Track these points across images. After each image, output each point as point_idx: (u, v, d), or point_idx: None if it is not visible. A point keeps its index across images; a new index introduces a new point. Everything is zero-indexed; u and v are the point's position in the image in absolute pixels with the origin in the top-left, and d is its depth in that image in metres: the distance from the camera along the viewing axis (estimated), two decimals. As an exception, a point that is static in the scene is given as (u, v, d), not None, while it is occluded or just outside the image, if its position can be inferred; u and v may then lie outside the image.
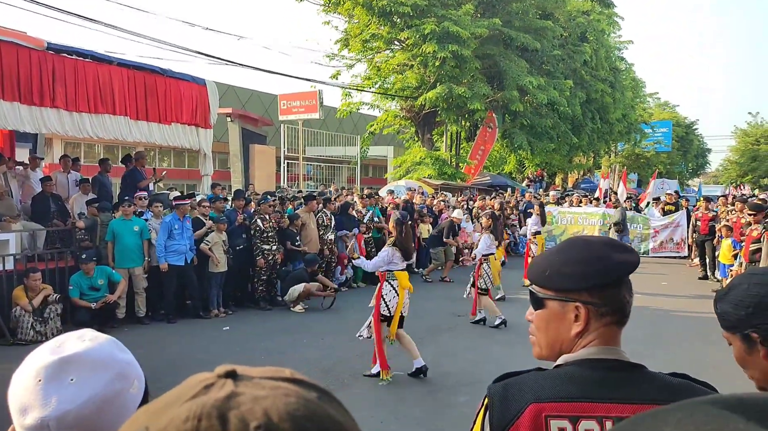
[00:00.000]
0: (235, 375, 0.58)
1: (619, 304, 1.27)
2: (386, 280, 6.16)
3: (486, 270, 8.62)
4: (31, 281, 7.67)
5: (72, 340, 1.01)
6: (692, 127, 51.34)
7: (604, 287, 1.26)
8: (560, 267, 1.28)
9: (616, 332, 1.28)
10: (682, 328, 8.63)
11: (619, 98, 28.76)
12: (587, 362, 1.24)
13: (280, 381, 0.58)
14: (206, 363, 3.62)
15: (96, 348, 1.00)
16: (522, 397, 1.22)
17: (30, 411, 0.95)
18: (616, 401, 1.18)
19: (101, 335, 1.05)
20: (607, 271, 1.25)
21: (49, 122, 8.73)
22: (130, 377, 1.01)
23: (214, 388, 0.56)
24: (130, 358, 1.03)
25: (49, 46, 8.76)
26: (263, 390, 0.55)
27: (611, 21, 28.92)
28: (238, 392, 0.55)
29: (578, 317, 1.26)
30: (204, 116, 11.22)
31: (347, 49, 22.14)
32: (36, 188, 10.54)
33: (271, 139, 21.53)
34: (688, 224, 15.82)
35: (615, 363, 1.25)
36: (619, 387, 1.20)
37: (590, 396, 1.19)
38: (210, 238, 9.26)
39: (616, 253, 1.27)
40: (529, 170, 32.15)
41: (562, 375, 1.24)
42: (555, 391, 1.21)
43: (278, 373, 0.60)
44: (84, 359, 0.98)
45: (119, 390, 0.98)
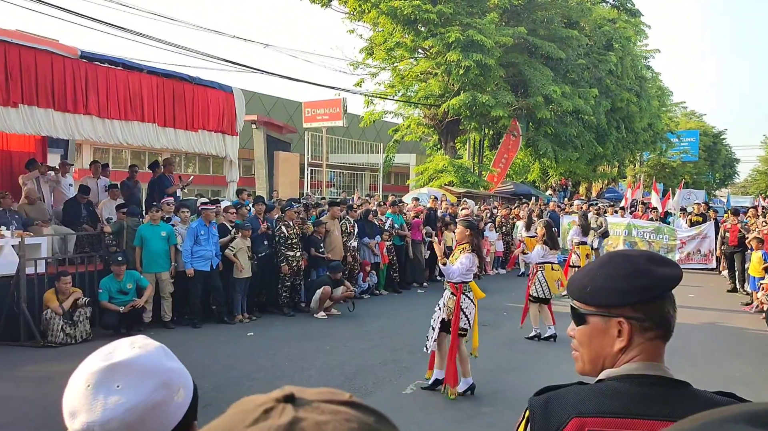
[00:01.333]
0: (294, 399, 0.57)
1: (663, 319, 1.26)
2: (463, 293, 5.89)
3: (540, 279, 8.40)
4: (61, 285, 7.83)
5: (123, 346, 1.03)
6: (720, 136, 50.59)
7: (647, 302, 1.25)
8: (602, 283, 1.28)
9: (660, 347, 1.27)
10: (710, 342, 8.48)
11: (644, 107, 28.44)
12: (630, 377, 1.24)
13: (338, 405, 0.57)
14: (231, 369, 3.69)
15: (143, 356, 1.01)
16: (564, 411, 1.22)
17: (78, 415, 0.97)
18: (660, 418, 1.17)
19: (151, 342, 1.06)
20: (649, 286, 1.24)
21: (82, 128, 8.92)
22: (176, 385, 1.01)
23: (275, 413, 0.55)
24: (177, 366, 1.04)
25: (82, 55, 8.96)
26: (324, 415, 0.55)
27: (638, 29, 28.69)
28: (300, 418, 0.54)
29: (621, 333, 1.26)
30: (230, 123, 11.36)
31: (371, 57, 22.26)
32: (66, 193, 10.77)
33: (295, 146, 21.72)
34: (716, 236, 15.55)
35: (659, 379, 1.23)
36: (663, 403, 1.19)
37: (634, 413, 1.18)
38: (234, 244, 9.36)
39: (658, 267, 1.26)
40: (553, 178, 31.94)
41: (605, 389, 1.24)
42: (598, 406, 1.20)
43: (336, 396, 0.60)
44: (131, 366, 0.99)
45: (164, 399, 0.98)
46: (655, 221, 17.32)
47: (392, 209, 13.21)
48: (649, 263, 1.27)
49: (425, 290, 12.94)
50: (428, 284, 13.42)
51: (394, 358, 7.28)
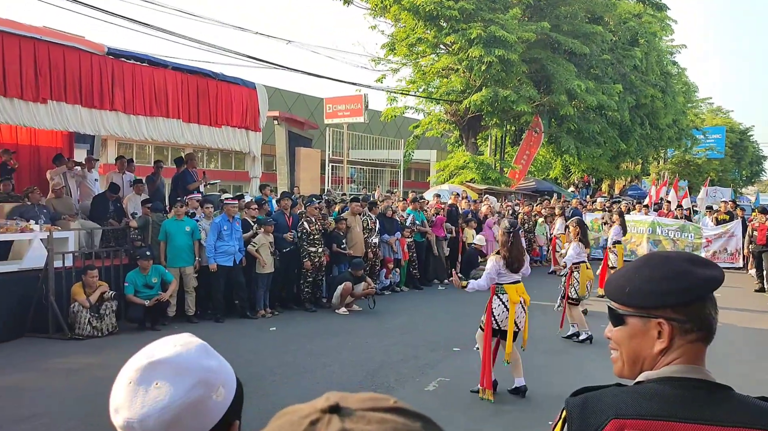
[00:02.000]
0: (339, 409, 0.56)
1: (704, 321, 1.24)
2: (495, 293, 5.79)
3: (577, 278, 8.26)
4: (88, 278, 7.96)
5: (166, 344, 1.04)
6: (747, 133, 49.65)
7: (687, 304, 1.23)
8: (641, 285, 1.26)
9: (701, 350, 1.25)
10: (737, 343, 8.34)
11: (670, 103, 28.01)
12: (671, 380, 1.22)
13: (383, 412, 0.56)
14: (254, 364, 3.70)
15: (183, 354, 1.01)
16: (602, 412, 1.20)
17: (120, 411, 0.98)
18: (702, 422, 1.15)
19: (194, 340, 1.06)
20: (691, 287, 1.23)
21: (108, 124, 9.04)
22: (215, 384, 1.00)
23: (321, 425, 0.54)
24: (217, 364, 1.03)
25: (108, 51, 9.07)
26: (370, 424, 0.54)
27: (664, 24, 28.21)
28: (348, 429, 0.53)
29: (661, 334, 1.24)
30: (254, 119, 11.43)
31: (393, 53, 22.22)
32: (92, 187, 10.94)
33: (316, 142, 21.78)
34: (743, 234, 15.26)
35: (701, 382, 1.21)
36: (705, 407, 1.17)
37: (675, 416, 1.16)
38: (257, 239, 9.43)
39: (699, 268, 1.24)
40: (575, 175, 31.62)
41: (644, 392, 1.22)
42: (638, 408, 1.19)
43: (380, 402, 0.59)
44: (170, 364, 0.99)
45: (201, 397, 0.98)
46: (680, 219, 17.06)
47: (413, 205, 13.19)
48: (689, 265, 1.25)
49: (446, 287, 12.91)
50: (449, 282, 13.40)
51: (416, 355, 7.28)
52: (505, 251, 5.73)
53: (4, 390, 5.85)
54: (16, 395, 5.71)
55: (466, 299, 11.49)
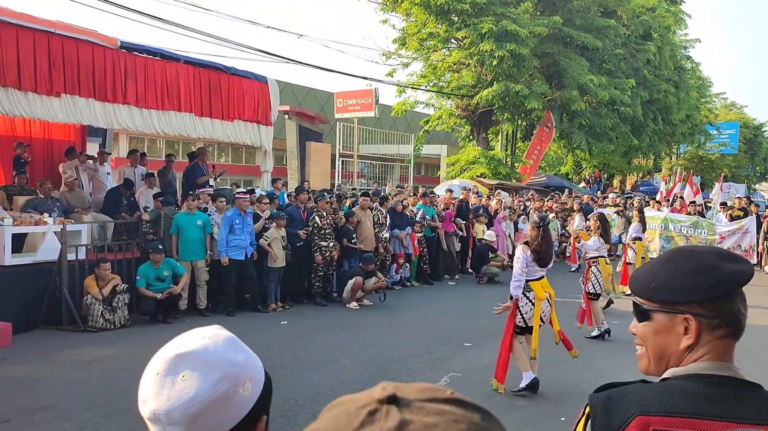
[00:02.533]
0: (397, 400, 0.55)
1: (732, 316, 1.22)
2: (522, 291, 5.75)
3: (595, 273, 8.17)
4: (101, 271, 8.01)
5: (195, 336, 1.03)
6: (761, 129, 49.09)
7: (715, 300, 1.21)
8: (667, 280, 1.24)
9: (730, 346, 1.23)
10: (754, 341, 8.26)
11: (683, 98, 27.71)
12: (698, 377, 1.19)
13: (442, 403, 0.56)
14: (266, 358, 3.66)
15: (210, 347, 1.00)
16: (627, 409, 1.18)
17: (147, 402, 0.98)
18: (731, 420, 1.13)
19: (222, 333, 1.04)
20: (718, 282, 1.20)
21: (121, 117, 9.08)
22: (242, 378, 0.99)
23: (380, 416, 0.53)
24: (244, 359, 1.02)
25: (121, 45, 9.11)
26: (430, 416, 0.53)
27: (677, 18, 27.87)
28: (408, 420, 0.52)
29: (688, 330, 1.22)
30: (265, 113, 11.44)
31: (404, 47, 22.13)
32: (104, 181, 10.99)
33: (327, 136, 21.78)
34: (758, 231, 15.11)
35: (730, 380, 1.19)
36: (734, 405, 1.15)
37: (703, 413, 1.14)
38: (269, 234, 9.44)
39: (727, 263, 1.22)
40: (587, 171, 31.41)
41: (671, 388, 1.20)
42: (664, 405, 1.16)
43: (438, 393, 0.58)
44: (196, 357, 0.98)
45: (227, 391, 0.97)
46: (693, 215, 16.91)
47: (423, 200, 13.15)
48: (716, 259, 1.23)
49: (456, 282, 12.89)
50: (459, 277, 13.37)
51: (427, 350, 7.27)
52: (536, 246, 5.68)
53: (17, 381, 5.90)
54: (29, 386, 5.76)
55: (477, 294, 11.49)
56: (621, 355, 7.02)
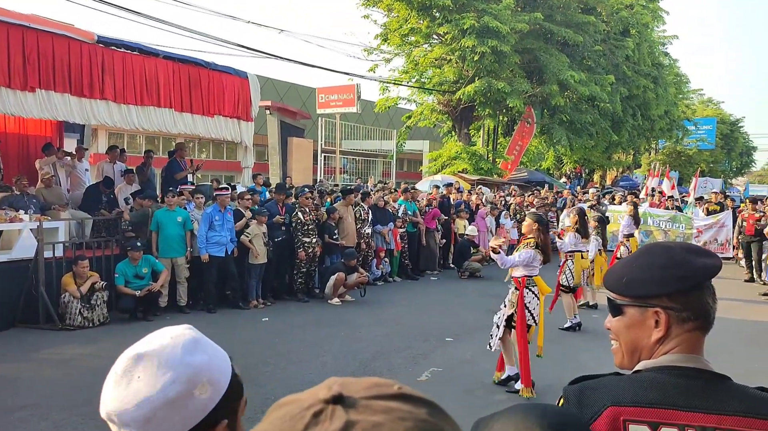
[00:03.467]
0: (342, 399, 0.54)
1: (702, 309, 1.25)
2: (526, 287, 5.68)
3: (570, 267, 8.27)
4: (79, 269, 7.90)
5: (159, 335, 1.01)
6: (737, 124, 49.86)
7: (685, 292, 1.24)
8: (638, 274, 1.26)
9: (699, 339, 1.26)
10: (729, 332, 8.40)
11: (661, 94, 28.06)
12: (668, 369, 1.22)
13: (389, 400, 0.55)
14: (247, 355, 3.68)
15: (168, 348, 0.98)
16: (599, 400, 1.21)
17: (104, 402, 0.97)
18: (699, 410, 1.16)
19: (188, 333, 1.02)
20: (687, 275, 1.23)
21: (98, 113, 8.95)
22: (198, 381, 0.96)
23: (325, 417, 0.52)
24: (205, 360, 0.99)
25: (98, 40, 8.97)
26: (377, 415, 0.52)
27: (655, 15, 28.19)
28: (353, 420, 0.51)
29: (658, 323, 1.24)
30: (246, 108, 11.36)
31: (386, 43, 22.11)
32: (82, 177, 10.84)
33: (309, 132, 21.70)
34: (733, 225, 15.37)
35: (699, 372, 1.22)
36: (702, 396, 1.18)
37: (672, 404, 1.17)
38: (250, 230, 9.39)
39: (697, 257, 1.25)
40: (568, 166, 31.70)
41: (642, 380, 1.23)
42: (635, 396, 1.19)
43: (385, 389, 0.57)
44: (153, 357, 0.96)
45: (181, 394, 0.94)
46: (671, 209, 17.15)
47: (404, 196, 13.17)
48: (686, 254, 1.26)
49: (438, 277, 12.94)
50: (441, 272, 13.43)
51: (409, 345, 7.29)
52: (544, 245, 5.69)
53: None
54: (7, 385, 5.68)
55: (459, 290, 11.54)
56: (600, 348, 7.11)
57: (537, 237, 5.71)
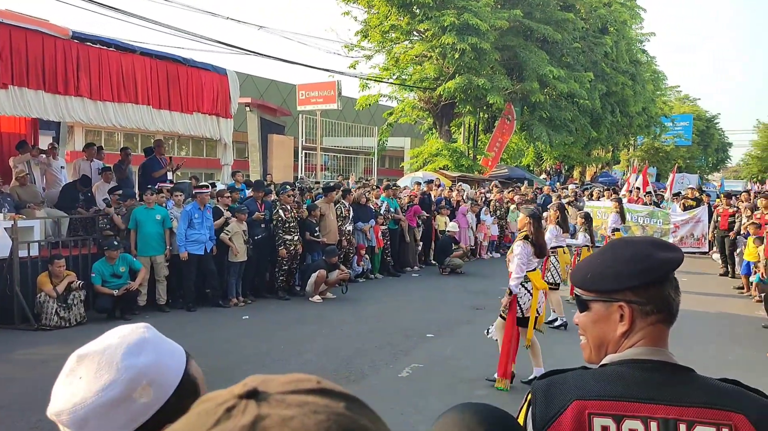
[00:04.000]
0: (257, 394, 0.53)
1: (664, 302, 1.26)
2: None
3: (554, 263, 8.30)
4: (55, 268, 7.79)
5: (109, 335, 0.98)
6: (713, 121, 50.67)
7: (647, 286, 1.25)
8: (601, 269, 1.29)
9: (663, 331, 1.27)
10: (704, 325, 8.55)
11: (639, 91, 28.40)
12: (633, 362, 1.24)
13: (305, 394, 0.54)
14: (228, 353, 3.65)
15: (111, 348, 0.94)
16: (565, 394, 1.23)
17: (51, 401, 0.95)
18: (661, 402, 1.18)
19: (138, 332, 0.98)
20: (648, 269, 1.24)
21: (73, 110, 8.81)
22: (138, 384, 0.92)
23: (237, 412, 0.52)
24: (149, 362, 0.94)
25: (73, 35, 8.83)
26: (290, 409, 0.52)
27: (633, 13, 28.53)
28: (263, 415, 0.51)
29: (623, 317, 1.26)
30: (225, 105, 11.26)
31: (366, 39, 22.07)
32: (57, 175, 10.67)
33: (289, 129, 21.58)
34: (709, 220, 15.62)
35: (662, 364, 1.24)
36: (665, 388, 1.20)
37: (636, 396, 1.19)
38: (230, 228, 9.32)
39: (659, 251, 1.27)
40: (547, 162, 31.94)
41: (607, 374, 1.25)
42: (600, 390, 1.21)
43: (303, 383, 0.56)
44: (94, 358, 0.93)
45: (117, 396, 0.91)
46: (649, 205, 17.37)
47: (386, 192, 13.17)
48: (649, 248, 1.28)
49: (419, 274, 12.98)
50: (422, 268, 13.47)
51: (390, 341, 7.30)
52: (535, 238, 5.74)
53: (-32, 382, 5.70)
54: (-19, 387, 5.58)
55: (440, 286, 11.58)
56: (577, 343, 7.19)
57: (529, 231, 5.79)
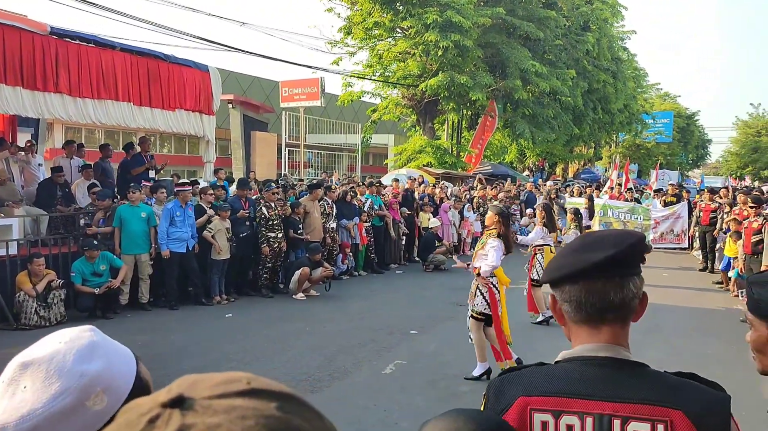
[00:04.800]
0: (182, 401, 0.50)
1: (576, 302, 1.24)
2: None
3: (540, 261, 8.35)
4: (34, 267, 7.69)
5: (52, 340, 0.92)
6: (693, 118, 51.27)
7: (559, 283, 1.27)
8: (552, 262, 1.31)
9: (594, 329, 1.25)
10: (683, 320, 8.67)
11: (620, 88, 28.67)
12: (580, 359, 1.25)
13: (233, 398, 0.51)
14: (210, 351, 3.65)
15: (59, 354, 0.89)
16: (514, 390, 1.25)
17: None
18: (599, 398, 1.19)
19: (85, 336, 0.93)
20: (560, 267, 1.25)
21: (53, 107, 8.69)
22: (92, 391, 0.88)
23: (160, 423, 0.49)
24: (102, 367, 0.90)
25: (52, 31, 8.70)
26: (216, 416, 0.49)
27: (614, 11, 28.76)
28: (188, 424, 0.48)
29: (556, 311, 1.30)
30: (207, 102, 11.18)
31: (350, 36, 22.03)
32: (36, 173, 10.52)
33: (272, 126, 21.49)
34: (689, 216, 15.83)
35: (608, 360, 1.23)
36: (605, 384, 1.20)
37: (575, 392, 1.20)
38: (213, 225, 9.27)
39: (583, 251, 1.24)
40: (530, 159, 32.13)
41: (555, 371, 1.26)
42: (545, 386, 1.23)
43: (232, 386, 0.53)
44: (41, 366, 0.87)
45: (70, 406, 0.86)
46: (630, 201, 17.56)
47: (370, 189, 13.18)
48: (581, 246, 1.26)
49: (403, 270, 13.01)
50: (407, 265, 13.50)
51: (374, 338, 7.32)
52: (506, 236, 5.88)
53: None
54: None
55: (423, 282, 11.62)
56: (560, 338, 7.26)
57: (499, 228, 5.87)
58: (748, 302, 1.41)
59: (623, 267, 1.23)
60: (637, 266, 1.27)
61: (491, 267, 5.78)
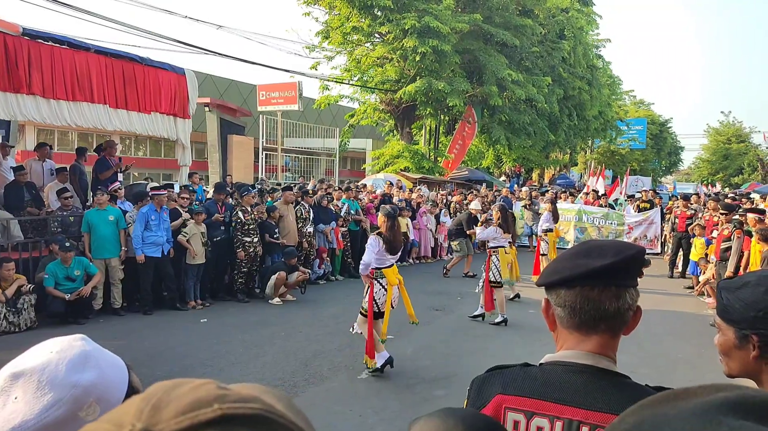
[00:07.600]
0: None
1: (570, 307, 1.25)
2: (375, 279, 6.15)
3: (495, 262, 8.55)
4: (4, 271, 7.54)
5: (42, 350, 0.91)
6: (666, 125, 52.23)
7: (553, 288, 1.28)
8: (552, 264, 1.32)
9: (584, 336, 1.26)
10: (656, 324, 8.81)
11: (596, 95, 29.10)
12: (561, 364, 1.27)
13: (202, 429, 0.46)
14: (185, 356, 3.63)
15: (51, 365, 0.87)
16: (493, 388, 1.29)
17: None
18: (571, 404, 1.20)
19: (77, 346, 0.92)
20: (558, 271, 1.26)
21: (26, 109, 8.54)
22: (85, 401, 0.86)
23: None
24: (94, 378, 0.89)
25: (24, 32, 8.56)
26: None
27: (589, 19, 29.22)
28: None
29: (548, 315, 1.32)
30: (182, 105, 11.09)
31: (328, 41, 22.03)
32: (7, 176, 10.31)
33: (250, 129, 21.37)
34: (662, 222, 16.09)
35: (587, 368, 1.24)
36: (580, 391, 1.21)
37: (550, 396, 1.22)
38: (188, 229, 9.19)
39: (583, 258, 1.24)
40: (507, 165, 32.40)
41: (534, 373, 1.28)
42: (522, 387, 1.26)
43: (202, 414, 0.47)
44: (32, 376, 0.86)
45: (62, 417, 0.85)
46: (603, 207, 17.82)
47: (347, 194, 13.17)
48: (581, 252, 1.26)
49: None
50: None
51: (350, 343, 7.30)
52: (387, 235, 6.11)
53: None
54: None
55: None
56: (536, 342, 7.34)
57: (384, 228, 6.17)
58: (717, 306, 1.44)
59: (621, 277, 1.23)
60: (635, 278, 1.26)
61: (365, 264, 6.12)
